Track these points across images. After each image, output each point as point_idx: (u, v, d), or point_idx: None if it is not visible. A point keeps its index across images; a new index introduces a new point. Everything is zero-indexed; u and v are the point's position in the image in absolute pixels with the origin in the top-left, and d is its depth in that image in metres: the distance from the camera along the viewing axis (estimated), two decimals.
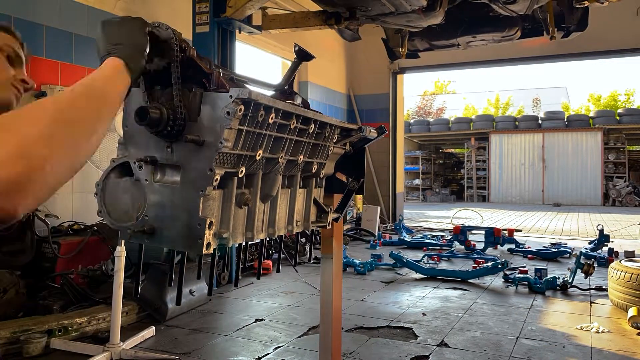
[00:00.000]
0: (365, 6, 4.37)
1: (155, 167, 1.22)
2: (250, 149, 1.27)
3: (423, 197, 23.22)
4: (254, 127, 1.24)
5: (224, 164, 1.20)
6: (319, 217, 1.75)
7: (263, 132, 1.29)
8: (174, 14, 5.64)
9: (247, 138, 1.24)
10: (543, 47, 8.74)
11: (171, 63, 1.14)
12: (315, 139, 1.56)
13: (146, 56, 1.01)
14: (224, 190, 1.25)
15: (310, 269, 5.84)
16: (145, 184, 1.22)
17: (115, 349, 3.10)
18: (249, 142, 1.25)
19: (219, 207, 1.25)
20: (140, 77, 1.10)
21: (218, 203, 1.24)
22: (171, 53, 1.13)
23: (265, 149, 1.33)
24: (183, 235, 1.18)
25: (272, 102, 1.25)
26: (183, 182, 1.19)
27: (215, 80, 1.20)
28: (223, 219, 1.26)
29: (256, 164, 1.32)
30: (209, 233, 1.15)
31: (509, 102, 32.34)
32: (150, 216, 1.21)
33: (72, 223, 4.38)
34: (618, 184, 20.03)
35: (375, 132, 1.80)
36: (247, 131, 1.22)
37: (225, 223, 1.26)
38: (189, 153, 1.18)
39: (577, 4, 4.77)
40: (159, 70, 1.16)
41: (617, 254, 6.57)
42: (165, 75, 1.16)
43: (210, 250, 1.16)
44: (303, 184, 1.63)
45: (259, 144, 1.29)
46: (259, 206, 1.40)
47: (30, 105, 0.71)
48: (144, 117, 1.10)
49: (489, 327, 3.86)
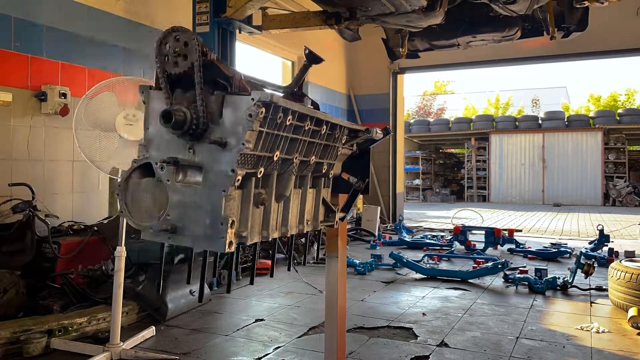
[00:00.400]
0: (365, 6, 4.37)
1: (177, 168, 1.23)
2: (268, 150, 1.28)
3: (423, 197, 23.22)
4: (273, 128, 1.26)
5: (245, 164, 1.22)
6: (327, 217, 1.77)
7: (281, 134, 1.30)
8: (174, 14, 5.65)
9: (266, 139, 1.26)
10: (543, 47, 8.74)
11: (193, 66, 1.16)
12: (326, 140, 1.58)
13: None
14: (243, 190, 1.27)
15: (310, 269, 5.84)
16: (168, 184, 1.24)
17: (115, 349, 3.10)
18: (268, 143, 1.27)
19: (239, 207, 1.26)
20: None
21: (238, 203, 1.26)
22: (192, 56, 1.15)
23: (282, 150, 1.35)
24: (205, 234, 1.20)
25: (289, 105, 1.27)
26: (205, 183, 1.21)
27: (237, 83, 1.22)
28: (242, 218, 1.28)
29: (273, 164, 1.35)
30: (230, 232, 1.17)
31: (508, 102, 32.33)
32: (172, 216, 1.23)
33: (72, 223, 4.39)
34: (618, 184, 20.03)
35: (381, 133, 1.82)
36: (266, 133, 1.24)
37: (243, 222, 1.28)
38: (212, 154, 1.20)
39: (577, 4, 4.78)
40: (180, 73, 1.18)
41: (617, 254, 6.57)
42: (186, 78, 1.18)
43: (232, 248, 1.18)
44: (313, 183, 1.65)
45: (276, 145, 1.31)
46: (274, 205, 1.42)
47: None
48: (169, 120, 1.12)
49: (489, 327, 3.86)
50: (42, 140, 4.35)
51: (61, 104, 4.32)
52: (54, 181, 4.46)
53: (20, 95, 4.14)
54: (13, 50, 4.11)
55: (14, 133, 4.14)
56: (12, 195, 3.98)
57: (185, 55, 1.17)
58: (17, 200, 3.91)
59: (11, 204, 3.90)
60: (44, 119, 4.35)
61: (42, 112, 4.29)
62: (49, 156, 4.41)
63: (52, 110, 4.29)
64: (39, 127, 4.32)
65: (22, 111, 4.19)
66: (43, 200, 4.21)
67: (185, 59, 1.17)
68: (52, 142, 4.42)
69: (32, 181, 4.06)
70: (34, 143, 4.28)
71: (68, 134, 4.20)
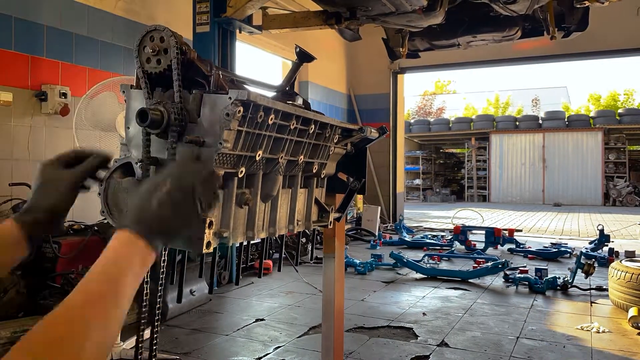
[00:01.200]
0: (365, 6, 4.37)
1: (157, 167, 1.23)
2: (250, 150, 1.27)
3: (423, 197, 23.21)
4: (254, 128, 1.25)
5: (224, 164, 1.21)
6: (321, 217, 1.76)
7: (262, 133, 1.29)
8: (174, 14, 5.64)
9: (246, 139, 1.25)
10: (543, 47, 8.73)
11: (171, 65, 1.15)
12: (316, 140, 1.56)
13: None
14: (225, 190, 1.26)
15: (310, 269, 5.84)
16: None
17: (115, 348, 3.10)
18: (249, 142, 1.26)
19: (219, 207, 1.26)
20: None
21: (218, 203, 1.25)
22: (171, 55, 1.14)
23: (265, 150, 1.34)
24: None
25: (271, 104, 1.26)
26: None
27: (215, 82, 1.21)
28: (223, 218, 1.27)
29: (256, 164, 1.33)
30: (209, 232, 1.15)
31: (508, 102, 32.34)
32: None
33: (72, 223, 4.38)
34: (618, 183, 20.03)
35: (377, 132, 1.81)
36: (246, 132, 1.23)
37: (225, 222, 1.27)
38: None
39: (578, 4, 4.77)
40: (160, 72, 1.17)
41: (617, 254, 6.57)
42: (166, 77, 1.17)
43: (210, 249, 1.17)
44: (304, 183, 1.64)
45: (258, 144, 1.30)
46: (260, 206, 1.41)
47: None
48: (145, 119, 1.11)
49: (490, 327, 3.86)
50: (42, 140, 4.35)
51: (61, 104, 4.32)
52: None
53: (20, 95, 4.14)
54: (13, 50, 4.11)
55: (14, 133, 4.14)
56: (13, 195, 3.98)
57: (164, 53, 1.16)
58: (17, 200, 3.91)
59: (11, 204, 3.90)
60: (44, 119, 4.34)
61: (43, 112, 4.29)
62: (50, 156, 4.35)
63: (53, 110, 4.29)
64: (40, 127, 4.32)
65: (23, 111, 4.19)
66: None
67: (164, 58, 1.16)
68: (52, 142, 4.42)
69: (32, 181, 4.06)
70: (35, 143, 4.28)
71: (68, 134, 4.20)
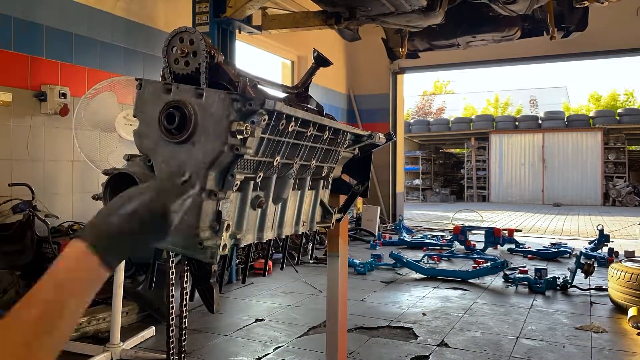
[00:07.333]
0: (365, 6, 4.37)
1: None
2: (269, 156, 1.28)
3: (423, 197, 23.21)
4: (275, 135, 1.26)
5: (245, 169, 1.21)
6: (324, 218, 1.77)
7: (283, 140, 1.30)
8: (173, 13, 5.64)
9: (267, 145, 1.25)
10: (543, 47, 8.73)
11: (200, 68, 1.15)
12: (328, 145, 1.58)
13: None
14: (241, 193, 1.26)
15: (310, 269, 5.84)
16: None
17: (115, 349, 3.10)
18: (269, 149, 1.27)
19: (235, 210, 1.26)
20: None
21: (235, 205, 1.26)
22: (201, 58, 1.15)
23: (282, 155, 1.34)
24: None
25: (293, 112, 1.26)
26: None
27: (242, 89, 1.21)
28: (238, 220, 1.28)
29: (272, 168, 1.34)
30: (225, 235, 1.16)
31: (507, 102, 32.34)
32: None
33: (72, 223, 4.38)
34: (618, 184, 20.02)
35: (384, 138, 1.83)
36: (268, 139, 1.24)
37: (239, 224, 1.28)
38: None
39: (577, 4, 4.78)
40: (187, 75, 1.17)
41: (617, 254, 6.57)
42: (192, 79, 1.18)
43: (226, 251, 1.17)
44: (312, 185, 1.65)
45: (277, 150, 1.31)
46: (271, 207, 1.42)
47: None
48: (172, 122, 1.11)
49: (489, 327, 3.86)
50: (42, 140, 4.35)
51: (61, 104, 4.32)
52: (54, 181, 4.46)
53: (20, 95, 4.14)
54: (13, 50, 4.11)
55: (14, 133, 4.14)
56: (12, 195, 3.98)
57: (193, 56, 1.17)
58: (17, 200, 3.91)
59: (11, 204, 3.90)
60: (44, 119, 4.34)
61: (42, 112, 4.29)
62: (49, 156, 4.41)
63: (52, 110, 4.29)
64: (39, 127, 4.32)
65: (22, 111, 4.18)
66: (43, 200, 4.21)
67: (192, 60, 1.17)
68: (52, 142, 4.41)
69: (32, 181, 4.06)
70: (34, 143, 4.28)
71: (68, 134, 4.20)
